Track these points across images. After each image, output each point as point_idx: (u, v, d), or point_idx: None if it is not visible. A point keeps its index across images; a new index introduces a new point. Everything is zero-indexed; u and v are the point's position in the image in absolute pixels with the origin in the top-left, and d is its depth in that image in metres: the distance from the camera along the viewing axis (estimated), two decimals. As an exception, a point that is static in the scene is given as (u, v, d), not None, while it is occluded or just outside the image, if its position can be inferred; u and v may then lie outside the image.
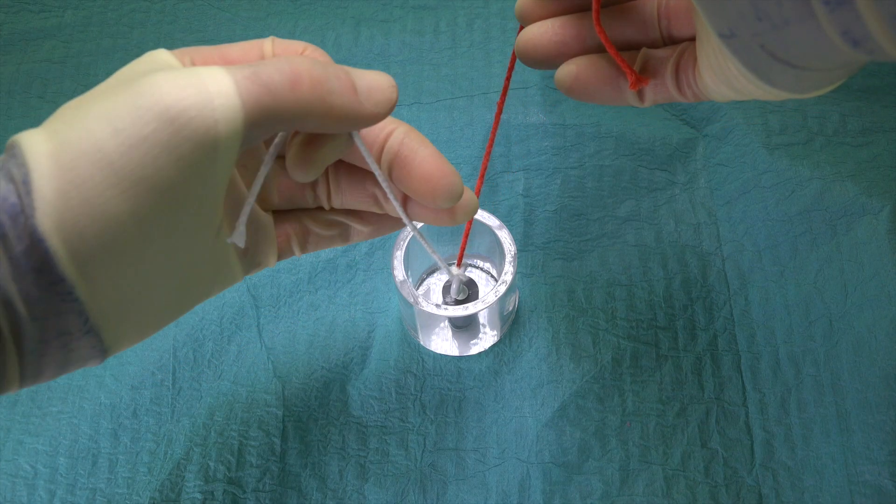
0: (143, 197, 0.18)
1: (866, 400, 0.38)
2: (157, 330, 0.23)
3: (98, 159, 0.18)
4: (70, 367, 0.21)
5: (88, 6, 0.55)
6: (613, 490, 0.37)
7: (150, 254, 0.20)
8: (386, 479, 0.38)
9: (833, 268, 0.42)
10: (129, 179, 0.18)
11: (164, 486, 0.37)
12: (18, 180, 0.18)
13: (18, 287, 0.18)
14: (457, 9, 0.53)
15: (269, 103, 0.19)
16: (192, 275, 0.22)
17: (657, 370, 0.40)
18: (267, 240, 0.25)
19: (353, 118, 0.21)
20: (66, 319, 0.19)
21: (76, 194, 0.18)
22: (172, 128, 0.18)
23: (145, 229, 0.19)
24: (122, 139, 0.18)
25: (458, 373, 0.40)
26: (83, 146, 0.18)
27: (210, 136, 0.18)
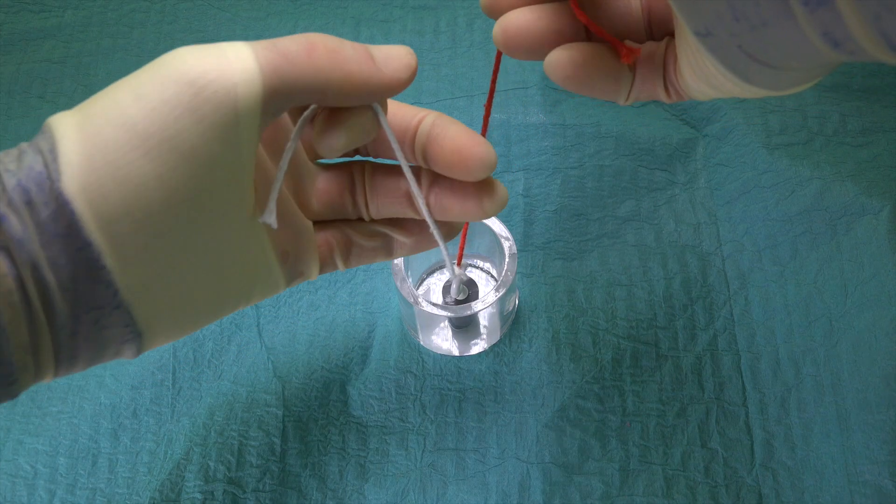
0: (167, 158, 0.19)
1: (866, 400, 0.38)
2: (193, 325, 0.22)
3: (122, 123, 0.18)
4: (105, 351, 0.20)
5: (88, 6, 0.55)
6: (613, 490, 0.37)
7: (178, 225, 0.20)
8: (386, 479, 0.38)
9: (833, 268, 0.42)
10: (153, 141, 0.18)
11: (164, 486, 0.37)
12: (45, 150, 0.19)
13: (47, 254, 0.18)
14: (457, 9, 0.53)
15: (286, 69, 0.19)
16: (227, 264, 0.22)
17: (657, 370, 0.40)
18: (308, 246, 0.25)
19: (373, 85, 0.21)
20: (96, 291, 0.19)
21: (101, 157, 0.18)
22: (192, 90, 0.18)
23: (170, 193, 0.19)
24: (144, 104, 0.19)
25: (458, 373, 0.40)
26: (108, 113, 0.19)
27: (230, 97, 0.19)
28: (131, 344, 0.21)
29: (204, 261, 0.21)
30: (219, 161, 0.19)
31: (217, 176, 0.20)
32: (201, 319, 0.22)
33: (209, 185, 0.20)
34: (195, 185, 0.19)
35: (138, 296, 0.20)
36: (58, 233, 0.18)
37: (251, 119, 0.19)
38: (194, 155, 0.19)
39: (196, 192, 0.19)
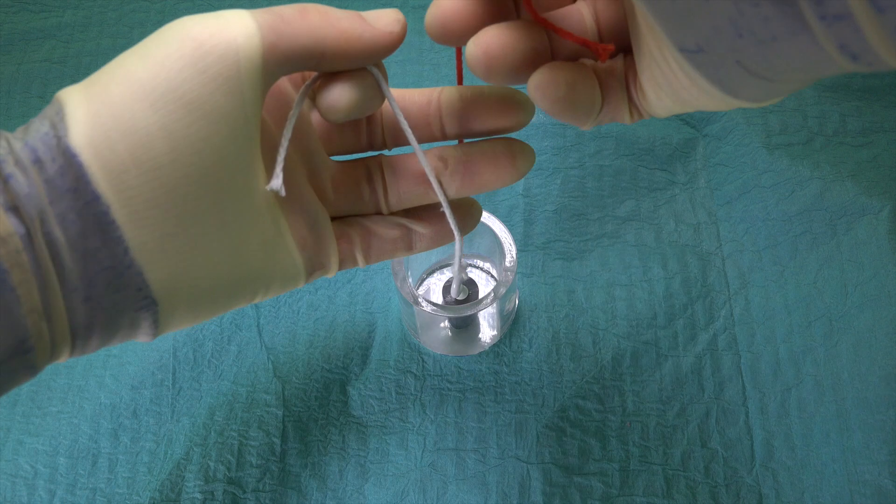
0: (172, 109, 0.19)
1: (866, 400, 0.38)
2: (211, 304, 0.22)
3: (126, 80, 0.19)
4: (120, 321, 0.20)
5: (88, 6, 0.55)
6: (613, 490, 0.37)
7: (187, 181, 0.19)
8: (386, 479, 0.38)
9: (833, 268, 0.42)
10: (157, 93, 0.19)
11: (164, 486, 0.37)
12: (52, 114, 0.19)
13: (55, 211, 0.18)
14: (457, 9, 0.53)
15: (282, 27, 0.20)
16: (243, 238, 0.21)
17: (657, 370, 0.40)
18: (325, 234, 0.25)
19: (367, 40, 0.21)
20: (106, 249, 0.19)
21: (106, 111, 0.19)
22: (195, 44, 0.19)
23: (177, 145, 0.19)
24: (148, 62, 0.19)
25: (458, 373, 0.40)
26: (113, 74, 0.19)
27: (231, 49, 0.19)
28: (146, 314, 0.20)
29: (218, 228, 0.21)
30: (223, 114, 0.20)
31: (223, 130, 0.20)
32: (219, 299, 0.22)
33: (216, 139, 0.20)
34: (201, 137, 0.19)
35: (150, 257, 0.20)
36: (66, 187, 0.18)
37: (253, 73, 0.20)
38: (199, 106, 0.19)
39: (203, 146, 0.19)
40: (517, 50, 0.21)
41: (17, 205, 0.18)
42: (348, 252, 0.26)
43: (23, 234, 0.18)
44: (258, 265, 0.22)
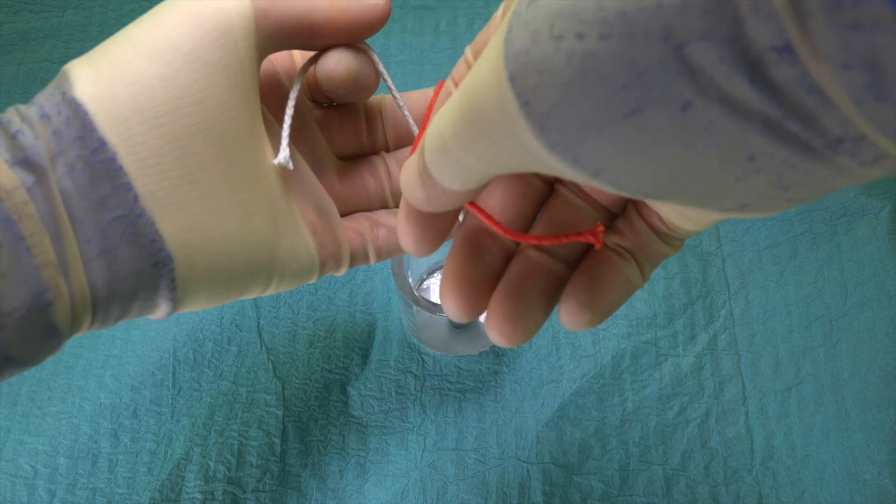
0: (170, 59, 0.20)
1: (866, 400, 0.38)
2: (227, 277, 0.22)
3: (126, 39, 0.20)
4: (139, 284, 0.20)
5: (88, 6, 0.55)
6: (613, 490, 0.37)
7: (190, 133, 0.20)
8: (386, 479, 0.38)
9: (833, 268, 0.42)
10: (154, 46, 0.20)
11: (164, 486, 0.37)
12: (58, 80, 0.20)
13: (64, 161, 0.19)
14: (457, 9, 0.53)
15: None
16: (253, 207, 0.22)
17: (657, 370, 0.40)
18: (335, 224, 0.25)
19: (354, 12, 0.22)
20: (116, 196, 0.19)
21: (108, 67, 0.20)
22: (190, 5, 0.20)
23: (177, 94, 0.20)
24: (145, 23, 0.20)
25: (458, 373, 0.40)
26: (114, 39, 0.20)
27: (225, 8, 0.20)
28: (163, 272, 0.20)
29: (226, 188, 0.21)
30: (221, 67, 0.20)
31: (221, 83, 0.20)
32: (235, 271, 0.22)
33: (214, 91, 0.20)
34: (200, 88, 0.20)
35: (160, 206, 0.20)
36: (73, 136, 0.19)
37: (247, 30, 0.21)
38: (197, 58, 0.20)
39: (203, 96, 0.20)
40: (477, 286, 0.21)
41: (26, 158, 0.18)
42: (359, 246, 0.26)
43: (30, 184, 0.18)
44: (271, 241, 0.22)
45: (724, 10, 0.11)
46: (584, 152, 0.14)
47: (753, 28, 0.11)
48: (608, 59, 0.13)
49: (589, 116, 0.13)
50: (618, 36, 0.12)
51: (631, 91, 0.13)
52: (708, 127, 0.12)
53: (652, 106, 0.13)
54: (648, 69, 0.12)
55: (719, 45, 0.11)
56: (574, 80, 0.13)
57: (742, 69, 0.11)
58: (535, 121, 0.14)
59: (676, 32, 0.12)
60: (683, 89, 0.12)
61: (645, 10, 0.12)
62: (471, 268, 0.21)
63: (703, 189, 0.14)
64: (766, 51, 0.11)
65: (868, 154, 0.12)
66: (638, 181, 0.14)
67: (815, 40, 0.11)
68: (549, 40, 0.14)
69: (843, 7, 0.10)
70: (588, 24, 0.13)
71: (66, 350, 0.42)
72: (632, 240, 0.21)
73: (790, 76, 0.11)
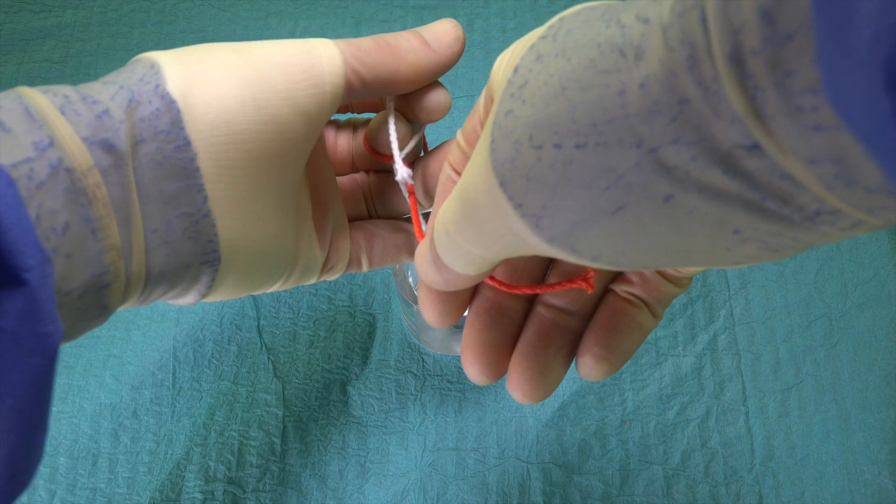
0: (263, 89, 0.20)
1: (866, 400, 0.38)
2: (255, 276, 0.23)
3: (218, 59, 0.21)
4: (185, 274, 0.21)
5: (88, 6, 0.55)
6: (613, 490, 0.37)
7: (265, 156, 0.21)
8: (386, 479, 0.38)
9: (833, 268, 0.42)
10: (251, 75, 0.20)
11: (164, 486, 0.37)
12: (145, 68, 0.20)
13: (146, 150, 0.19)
14: (457, 9, 0.53)
15: (363, 58, 0.22)
16: (287, 218, 0.23)
17: (657, 370, 0.40)
18: (343, 233, 0.26)
19: (433, 68, 0.23)
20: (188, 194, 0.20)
21: (202, 77, 0.20)
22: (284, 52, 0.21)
23: (265, 120, 0.20)
24: (241, 54, 0.21)
25: (458, 373, 0.40)
26: (203, 52, 0.21)
27: (318, 65, 0.21)
28: (208, 270, 0.21)
29: (275, 204, 0.22)
30: (305, 111, 0.21)
31: (301, 123, 0.21)
32: (262, 271, 0.23)
33: (294, 127, 0.21)
34: (284, 122, 0.21)
35: (224, 212, 0.21)
36: (160, 129, 0.19)
37: (335, 87, 0.21)
38: (287, 96, 0.21)
39: (284, 129, 0.21)
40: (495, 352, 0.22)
41: (107, 140, 0.18)
42: (354, 254, 0.27)
43: (106, 166, 0.18)
44: (294, 249, 0.24)
45: (689, 117, 0.12)
46: (580, 244, 0.15)
47: (720, 131, 0.12)
48: (587, 165, 0.14)
49: (579, 214, 0.14)
50: (593, 145, 0.13)
51: (614, 191, 0.13)
52: (692, 212, 0.13)
53: (635, 202, 0.13)
54: (626, 172, 0.13)
55: (690, 146, 0.12)
56: (559, 184, 0.14)
57: (715, 164, 0.12)
58: (530, 220, 0.15)
59: (647, 139, 0.12)
60: (662, 185, 0.13)
61: (614, 120, 0.13)
62: (489, 334, 0.22)
63: (697, 258, 0.15)
64: (734, 148, 0.12)
65: (846, 222, 0.12)
66: (636, 261, 0.15)
67: (780, 139, 0.11)
68: (530, 150, 0.14)
69: (802, 111, 0.10)
70: (563, 135, 0.14)
71: (66, 350, 0.42)
72: (641, 287, 0.21)
73: (761, 166, 0.12)
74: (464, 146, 0.21)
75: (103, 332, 0.42)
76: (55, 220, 0.17)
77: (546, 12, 0.51)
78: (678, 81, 0.12)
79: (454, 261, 0.19)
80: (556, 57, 0.14)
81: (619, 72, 0.12)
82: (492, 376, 0.22)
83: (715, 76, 0.11)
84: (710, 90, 0.11)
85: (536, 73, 0.15)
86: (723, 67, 0.11)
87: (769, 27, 0.10)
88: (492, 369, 0.22)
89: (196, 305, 0.42)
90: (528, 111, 0.14)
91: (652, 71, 0.12)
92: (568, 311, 0.22)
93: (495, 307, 0.22)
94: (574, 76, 0.13)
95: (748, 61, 0.11)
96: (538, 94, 0.14)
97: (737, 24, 0.10)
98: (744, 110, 0.11)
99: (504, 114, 0.15)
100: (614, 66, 0.13)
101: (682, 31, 0.11)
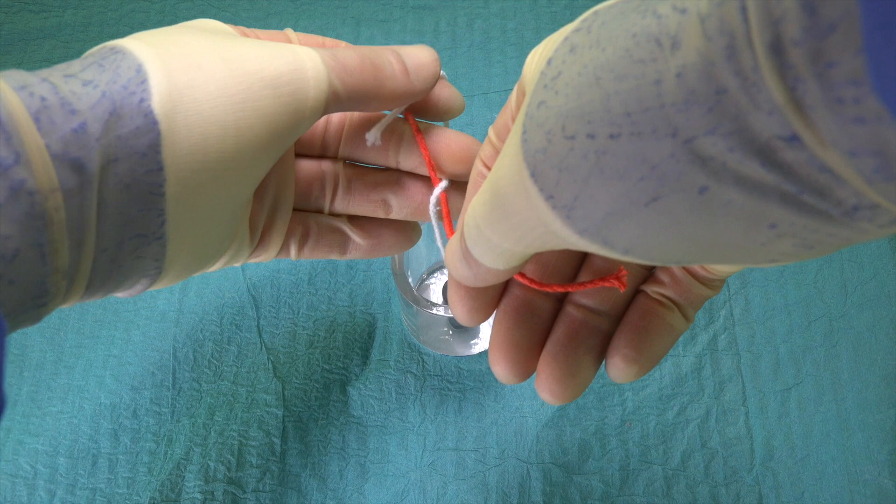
0: (247, 114, 0.20)
1: (866, 400, 0.38)
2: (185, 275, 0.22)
3: (211, 74, 0.20)
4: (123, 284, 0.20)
5: (88, 6, 0.55)
6: (613, 490, 0.37)
7: (232, 177, 0.20)
8: (386, 479, 0.38)
9: (833, 268, 0.42)
10: (237, 98, 0.20)
11: (164, 486, 0.37)
12: (129, 70, 0.19)
13: (116, 170, 0.18)
14: (457, 9, 0.53)
15: (344, 78, 0.21)
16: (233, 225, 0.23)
17: (657, 370, 0.40)
18: (282, 222, 0.26)
19: (406, 96, 0.23)
20: (147, 218, 0.19)
21: (189, 95, 0.19)
22: (268, 61, 0.20)
23: (241, 146, 0.20)
24: (233, 66, 0.20)
25: (458, 373, 0.40)
26: (192, 59, 0.20)
27: (301, 94, 0.20)
28: (146, 281, 0.21)
29: (228, 219, 0.22)
30: (287, 132, 0.21)
31: (276, 144, 0.21)
32: (191, 272, 0.23)
33: (273, 149, 0.21)
34: (264, 147, 0.20)
35: (178, 232, 0.20)
36: (135, 150, 0.18)
37: (317, 103, 0.21)
38: (271, 121, 0.20)
39: (263, 156, 0.20)
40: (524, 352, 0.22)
41: (79, 160, 0.17)
42: (285, 243, 0.26)
43: (70, 188, 0.17)
44: (229, 245, 0.24)
45: (727, 107, 0.12)
46: (612, 236, 0.15)
47: (758, 121, 0.11)
48: (621, 156, 0.13)
49: (611, 206, 0.14)
50: (627, 135, 0.13)
51: (648, 182, 0.13)
52: (727, 205, 0.13)
53: (670, 193, 0.13)
54: (661, 163, 0.13)
55: (727, 137, 0.12)
56: (592, 175, 0.14)
57: (752, 155, 0.12)
58: (561, 212, 0.15)
59: (683, 129, 0.12)
60: (698, 176, 0.13)
61: (649, 110, 0.12)
62: (518, 332, 0.22)
63: (731, 254, 0.14)
64: (773, 139, 0.11)
65: (885, 218, 0.12)
66: (668, 255, 0.15)
67: (820, 131, 0.11)
68: (562, 140, 0.14)
69: (844, 103, 0.10)
70: (597, 125, 0.13)
71: (66, 350, 0.42)
72: (673, 288, 0.21)
73: (800, 158, 0.11)
74: (495, 141, 0.20)
75: (103, 332, 0.42)
76: (5, 247, 0.16)
77: (546, 12, 0.51)
78: (716, 71, 0.11)
79: (484, 254, 0.18)
80: (590, 48, 0.14)
81: (655, 61, 0.12)
82: (519, 376, 0.22)
83: (754, 66, 0.11)
84: (748, 80, 0.11)
85: (570, 64, 0.14)
86: (762, 58, 0.11)
87: (811, 17, 0.10)
88: (519, 368, 0.22)
89: (196, 305, 0.42)
90: (561, 101, 0.14)
91: (689, 60, 0.12)
92: (598, 312, 0.22)
93: (525, 305, 0.22)
94: (608, 66, 0.13)
95: (789, 52, 0.10)
96: (571, 85, 0.14)
97: (777, 13, 0.10)
98: (783, 101, 0.11)
99: (536, 105, 0.15)
100: (650, 56, 0.12)
101: (720, 20, 0.11)
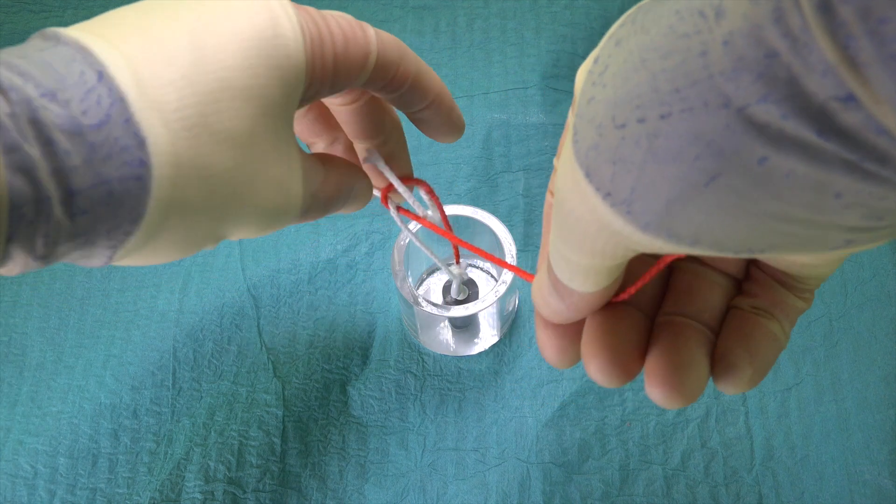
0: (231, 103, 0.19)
1: (866, 400, 0.38)
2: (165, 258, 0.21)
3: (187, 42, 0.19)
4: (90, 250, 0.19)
5: (88, 6, 0.55)
6: (613, 490, 0.37)
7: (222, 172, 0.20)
8: (386, 479, 0.38)
9: (833, 268, 0.42)
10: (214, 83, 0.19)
11: (164, 486, 0.37)
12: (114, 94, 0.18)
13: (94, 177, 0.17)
14: (457, 9, 0.53)
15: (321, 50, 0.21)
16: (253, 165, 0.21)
17: (657, 370, 0.40)
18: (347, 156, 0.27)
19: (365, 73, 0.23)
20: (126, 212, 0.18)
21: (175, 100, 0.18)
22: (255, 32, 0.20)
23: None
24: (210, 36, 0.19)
25: (458, 373, 0.40)
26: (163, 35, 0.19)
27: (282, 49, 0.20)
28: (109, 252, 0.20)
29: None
30: (275, 103, 0.20)
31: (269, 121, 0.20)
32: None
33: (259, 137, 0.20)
34: (246, 138, 0.20)
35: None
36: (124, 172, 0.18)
37: (298, 85, 0.21)
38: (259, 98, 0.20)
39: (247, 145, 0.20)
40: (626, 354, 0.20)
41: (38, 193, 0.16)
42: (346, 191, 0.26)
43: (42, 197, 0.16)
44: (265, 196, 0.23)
45: (778, 71, 0.11)
46: (676, 226, 0.14)
47: (812, 83, 0.11)
48: (673, 136, 0.13)
49: (671, 192, 0.14)
50: (678, 112, 0.13)
51: (704, 160, 0.13)
52: (789, 175, 0.12)
53: (729, 169, 0.13)
54: (716, 137, 0.12)
55: (780, 103, 0.12)
56: (646, 161, 0.13)
57: (808, 121, 0.12)
58: (621, 207, 0.14)
59: (735, 99, 0.12)
60: (755, 147, 0.12)
61: (698, 83, 0.12)
62: (615, 331, 0.20)
63: (800, 233, 0.14)
64: (828, 101, 0.11)
65: None
66: (737, 239, 0.14)
67: (876, 88, 0.11)
68: (613, 130, 0.14)
69: None
70: (646, 107, 0.13)
71: (66, 350, 0.42)
72: (765, 298, 0.20)
73: (857, 121, 0.11)
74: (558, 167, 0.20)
75: (103, 332, 0.42)
76: None
77: (546, 12, 0.51)
78: (764, 35, 0.11)
79: (571, 279, 0.18)
80: (634, 35, 0.14)
81: (700, 33, 0.12)
82: (623, 377, 0.20)
83: (803, 26, 0.11)
84: (798, 41, 0.11)
85: (615, 56, 0.14)
86: (811, 17, 0.11)
87: None
88: (622, 369, 0.20)
89: (196, 305, 0.42)
90: (609, 93, 0.14)
91: (735, 26, 0.12)
92: (696, 319, 0.20)
93: (613, 316, 0.20)
94: (653, 45, 0.13)
95: (838, 9, 0.10)
96: (618, 74, 0.14)
97: None
98: (836, 59, 0.11)
99: (586, 102, 0.15)
100: (694, 29, 0.12)
101: None
